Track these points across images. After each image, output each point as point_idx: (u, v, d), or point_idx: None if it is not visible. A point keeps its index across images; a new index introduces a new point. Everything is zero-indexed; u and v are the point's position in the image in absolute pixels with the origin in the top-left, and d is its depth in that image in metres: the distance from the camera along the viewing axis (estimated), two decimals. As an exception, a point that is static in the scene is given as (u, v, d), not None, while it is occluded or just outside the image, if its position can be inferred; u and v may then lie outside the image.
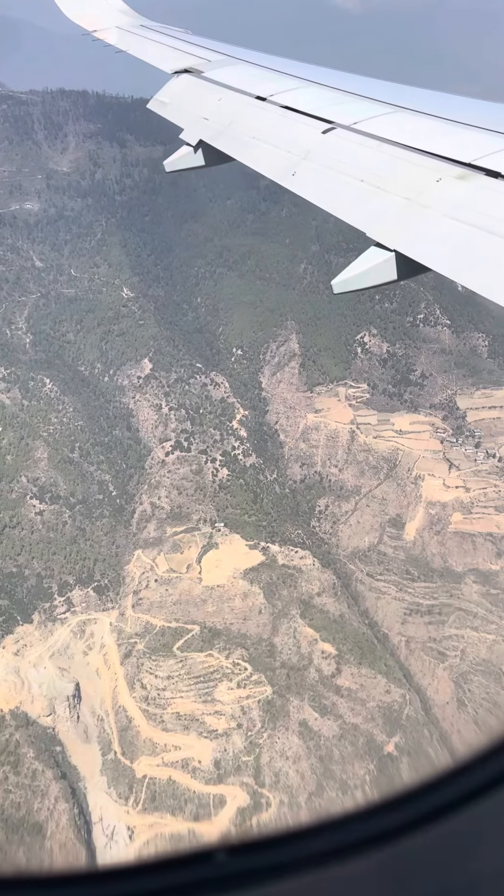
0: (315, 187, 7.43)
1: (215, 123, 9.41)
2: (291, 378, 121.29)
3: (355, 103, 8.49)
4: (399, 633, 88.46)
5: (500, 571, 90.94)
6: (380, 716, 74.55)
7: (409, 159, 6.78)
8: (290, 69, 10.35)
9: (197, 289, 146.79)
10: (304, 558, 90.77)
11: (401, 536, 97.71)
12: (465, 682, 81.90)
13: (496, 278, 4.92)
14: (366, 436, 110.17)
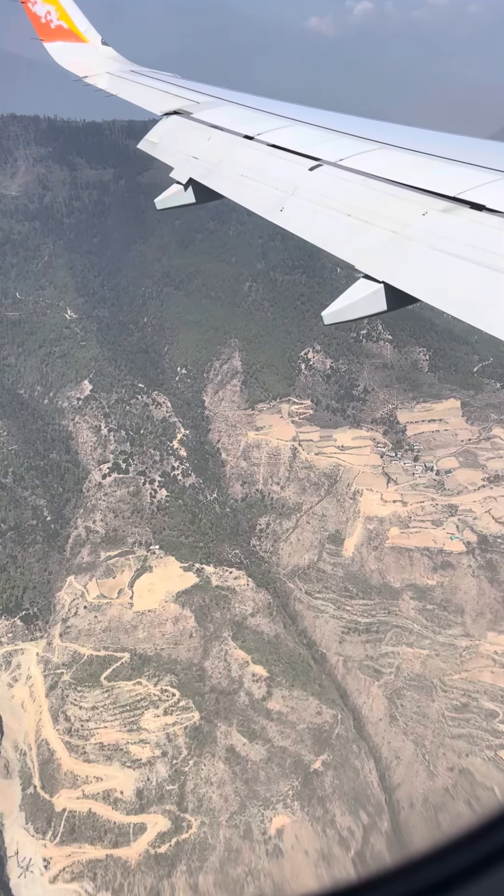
0: (303, 222, 7.50)
1: (205, 162, 9.59)
2: (233, 396, 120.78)
3: (340, 141, 8.68)
4: (337, 652, 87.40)
5: (437, 586, 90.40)
6: (309, 737, 73.18)
7: (395, 194, 6.90)
8: (276, 109, 10.64)
9: (143, 309, 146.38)
10: (239, 579, 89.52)
11: (340, 553, 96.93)
12: (399, 697, 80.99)
13: (483, 307, 5.03)
14: (307, 452, 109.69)
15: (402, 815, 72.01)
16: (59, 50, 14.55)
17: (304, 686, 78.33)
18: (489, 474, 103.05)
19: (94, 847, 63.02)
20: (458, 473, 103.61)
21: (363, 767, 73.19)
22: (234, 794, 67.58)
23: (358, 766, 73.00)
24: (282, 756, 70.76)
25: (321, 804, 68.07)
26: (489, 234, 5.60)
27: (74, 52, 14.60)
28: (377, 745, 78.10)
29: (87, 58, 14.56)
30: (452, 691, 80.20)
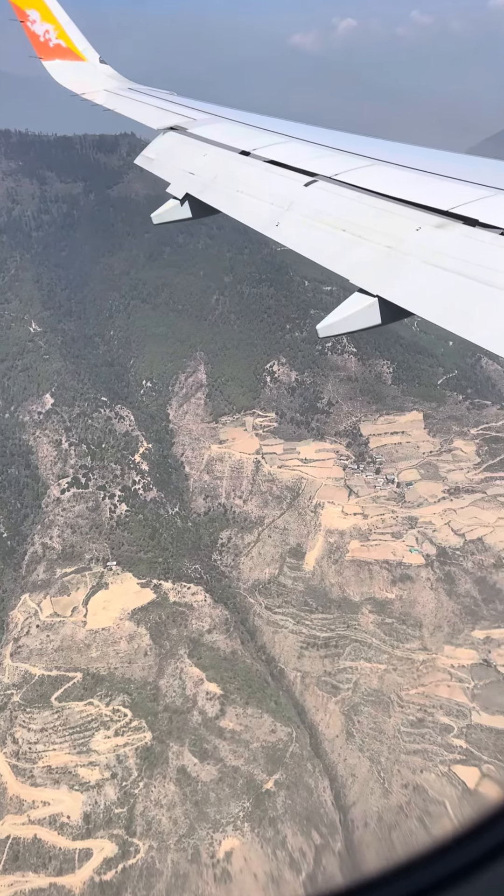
0: (299, 237, 7.49)
1: (201, 177, 9.61)
2: (197, 409, 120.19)
3: (335, 157, 8.71)
4: (295, 667, 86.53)
5: (395, 600, 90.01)
6: (262, 756, 72.08)
7: (389, 209, 6.93)
8: (272, 126, 10.71)
9: (110, 322, 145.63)
10: (197, 594, 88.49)
11: (300, 567, 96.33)
12: (356, 713, 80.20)
13: (477, 322, 5.03)
14: (270, 465, 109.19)
15: (356, 834, 71.05)
16: (58, 68, 14.63)
17: (259, 703, 77.33)
18: (449, 486, 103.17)
19: (38, 875, 61.38)
20: (419, 486, 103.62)
21: (317, 786, 72.19)
22: (184, 816, 66.28)
23: (312, 784, 71.99)
24: (233, 776, 69.61)
25: (272, 825, 66.93)
26: (482, 248, 5.65)
27: (73, 70, 14.68)
28: (333, 762, 77.18)
29: (85, 75, 14.66)
30: (409, 706, 79.59)
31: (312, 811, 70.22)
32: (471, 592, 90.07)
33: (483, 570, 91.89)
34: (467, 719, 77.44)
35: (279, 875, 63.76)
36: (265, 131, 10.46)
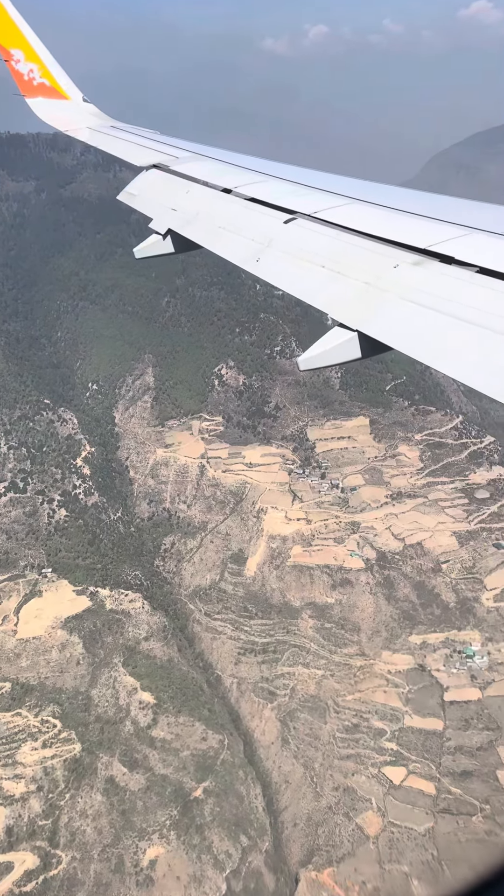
0: (279, 272, 7.64)
1: (184, 213, 9.78)
2: (143, 412, 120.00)
3: (313, 195, 8.95)
4: (232, 674, 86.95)
5: (335, 604, 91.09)
6: (192, 764, 72.31)
7: (367, 246, 7.07)
8: (252, 165, 11.04)
9: (58, 323, 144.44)
10: (134, 602, 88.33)
11: (242, 572, 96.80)
12: (292, 719, 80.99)
13: (454, 356, 5.20)
14: (215, 470, 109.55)
15: (284, 834, 71.75)
16: (42, 105, 14.90)
17: (192, 712, 77.51)
18: (392, 491, 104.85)
19: (-44, 892, 60.56)
20: (362, 491, 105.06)
21: (248, 793, 72.68)
22: (110, 826, 66.11)
23: (243, 791, 72.46)
24: (162, 785, 69.69)
25: (199, 832, 67.21)
26: (459, 285, 5.84)
27: (56, 108, 14.95)
28: (268, 769, 77.79)
29: (68, 113, 14.93)
30: (345, 712, 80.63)
31: (242, 817, 70.71)
32: (409, 597, 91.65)
33: (422, 575, 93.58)
34: (400, 723, 78.83)
35: (202, 874, 64.09)
36: (246, 170, 10.80)
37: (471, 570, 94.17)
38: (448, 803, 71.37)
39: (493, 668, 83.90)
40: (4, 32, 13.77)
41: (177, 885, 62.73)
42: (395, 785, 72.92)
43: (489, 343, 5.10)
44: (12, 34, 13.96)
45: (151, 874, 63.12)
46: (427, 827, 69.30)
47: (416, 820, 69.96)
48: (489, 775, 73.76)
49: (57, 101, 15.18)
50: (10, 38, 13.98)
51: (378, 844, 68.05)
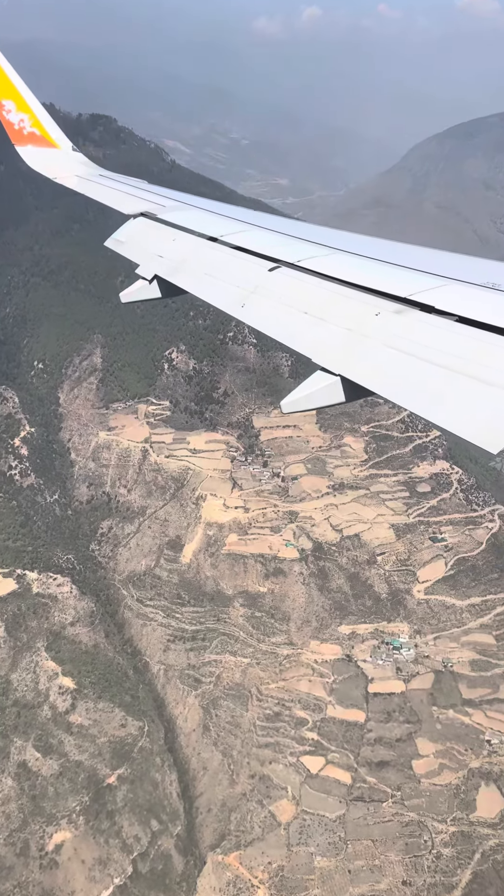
0: (263, 317, 7.90)
1: (170, 260, 10.08)
2: (88, 394, 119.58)
3: (297, 245, 9.29)
4: (160, 661, 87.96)
5: (267, 593, 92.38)
6: (108, 750, 73.24)
7: (349, 294, 7.34)
8: (238, 215, 11.44)
9: (7, 298, 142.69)
10: (62, 586, 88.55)
11: (177, 559, 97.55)
12: (215, 707, 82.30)
13: (434, 402, 5.37)
14: (158, 455, 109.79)
15: (198, 819, 73.25)
16: (31, 153, 15.46)
17: (113, 698, 78.31)
18: (334, 482, 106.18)
19: None
20: (303, 480, 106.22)
21: (163, 780, 73.91)
22: (18, 811, 66.81)
23: (158, 778, 73.67)
24: (75, 771, 70.50)
25: (109, 817, 68.29)
26: (438, 333, 6.09)
27: (46, 157, 15.46)
28: (187, 756, 79.11)
29: (58, 162, 15.45)
30: (267, 700, 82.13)
31: (155, 803, 71.97)
32: (342, 588, 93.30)
33: (357, 567, 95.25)
34: (322, 713, 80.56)
35: (108, 857, 65.24)
36: (232, 220, 11.11)
37: (405, 563, 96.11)
38: (362, 792, 73.42)
39: (419, 660, 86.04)
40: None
41: (81, 868, 63.83)
42: (311, 774, 74.69)
43: (469, 389, 5.34)
44: (4, 86, 14.68)
45: (56, 858, 64.10)
46: (339, 814, 71.23)
47: (328, 807, 71.90)
48: (405, 765, 75.98)
49: (46, 149, 15.82)
50: (1, 90, 14.69)
51: (289, 830, 69.80)
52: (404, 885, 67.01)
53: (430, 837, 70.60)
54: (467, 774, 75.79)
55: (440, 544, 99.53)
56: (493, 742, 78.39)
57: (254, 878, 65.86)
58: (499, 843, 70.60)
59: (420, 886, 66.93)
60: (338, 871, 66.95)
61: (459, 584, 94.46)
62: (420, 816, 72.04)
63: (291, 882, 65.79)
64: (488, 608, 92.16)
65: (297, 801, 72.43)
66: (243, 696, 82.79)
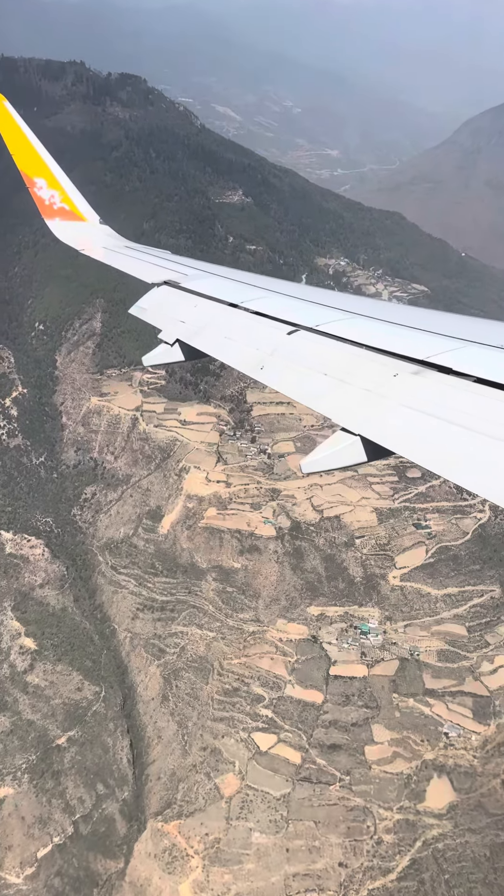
0: (282, 379, 8.16)
1: (192, 325, 10.51)
2: (84, 358, 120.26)
3: (315, 310, 9.63)
4: (127, 628, 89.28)
5: (240, 570, 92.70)
6: (62, 712, 75.01)
7: (367, 357, 7.54)
8: (257, 282, 11.96)
9: (17, 258, 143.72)
10: (35, 548, 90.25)
11: (156, 529, 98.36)
12: (176, 678, 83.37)
13: (454, 462, 5.49)
14: (147, 424, 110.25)
15: (147, 786, 74.83)
16: (60, 226, 16.43)
17: (73, 661, 79.96)
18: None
19: None
20: (291, 458, 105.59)
21: (115, 745, 75.49)
22: (-35, 764, 69.10)
23: (109, 743, 75.27)
24: (26, 730, 72.41)
25: (54, 777, 70.17)
26: (457, 394, 6.22)
27: (74, 229, 16.42)
28: (144, 723, 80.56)
29: (85, 234, 16.38)
30: (228, 675, 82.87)
31: (103, 767, 73.65)
32: (317, 569, 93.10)
33: (333, 548, 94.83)
34: (281, 691, 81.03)
35: (49, 817, 67.19)
36: (251, 286, 11.55)
37: (384, 548, 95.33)
38: (310, 773, 73.96)
39: (386, 647, 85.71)
40: (30, 163, 15.69)
41: (20, 825, 65.88)
42: (261, 751, 75.46)
43: (489, 449, 5.42)
44: (37, 165, 15.77)
45: (-5, 812, 66.31)
46: (284, 793, 71.99)
47: (274, 785, 72.65)
48: (357, 750, 76.20)
49: (75, 223, 16.68)
50: (34, 168, 15.80)
51: (230, 804, 70.85)
52: (340, 866, 67.66)
53: (373, 823, 70.97)
54: (420, 765, 75.65)
55: (423, 532, 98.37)
56: (450, 735, 77.99)
57: (189, 848, 67.19)
58: (442, 833, 70.66)
59: (356, 869, 67.52)
60: (275, 848, 67.83)
61: (438, 572, 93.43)
62: (366, 802, 72.33)
63: (226, 855, 66.94)
64: (465, 599, 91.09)
65: (242, 777, 73.35)
66: (205, 670, 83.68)
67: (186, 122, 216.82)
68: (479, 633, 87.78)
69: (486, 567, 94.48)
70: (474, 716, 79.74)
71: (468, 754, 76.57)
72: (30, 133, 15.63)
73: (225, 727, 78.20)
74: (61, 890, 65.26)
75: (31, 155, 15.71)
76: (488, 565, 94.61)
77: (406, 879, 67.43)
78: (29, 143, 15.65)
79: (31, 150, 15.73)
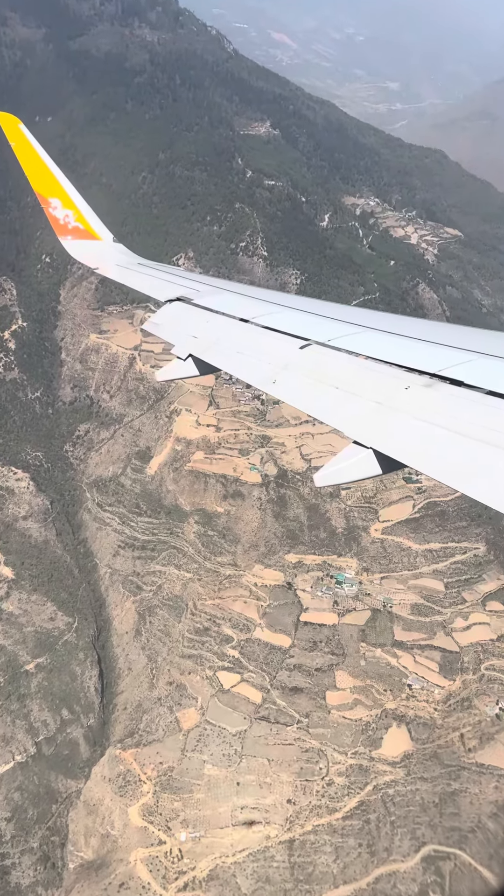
0: (294, 393, 8.43)
1: (204, 340, 10.75)
2: (86, 294, 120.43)
3: (327, 325, 9.86)
4: (108, 564, 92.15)
5: (223, 514, 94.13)
6: (33, 640, 78.63)
7: (379, 370, 7.71)
8: (268, 297, 12.24)
9: (30, 188, 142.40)
10: (21, 481, 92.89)
11: (143, 470, 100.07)
12: (150, 614, 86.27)
13: (466, 474, 5.60)
14: (144, 364, 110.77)
15: (113, 715, 78.64)
16: (74, 245, 16.98)
17: (49, 592, 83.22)
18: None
19: None
20: (285, 406, 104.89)
21: (83, 674, 79.09)
22: None
23: (78, 672, 78.87)
24: (-4, 653, 76.22)
25: (20, 700, 74.18)
26: (469, 406, 6.42)
27: (88, 248, 16.89)
28: (116, 655, 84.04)
29: (99, 252, 16.79)
30: (200, 615, 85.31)
31: (70, 694, 77.45)
32: (299, 517, 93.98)
33: (318, 498, 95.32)
34: (249, 633, 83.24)
35: (11, 736, 71.45)
36: (262, 301, 11.78)
37: (369, 500, 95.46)
38: (269, 712, 76.51)
39: (360, 597, 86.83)
40: (44, 184, 16.26)
41: (-21, 742, 70.24)
42: (224, 689, 78.17)
43: (501, 460, 5.49)
44: (51, 185, 16.33)
45: (-42, 727, 70.71)
46: (240, 729, 74.83)
47: (232, 722, 75.50)
48: (318, 694, 78.33)
49: (89, 241, 17.10)
50: (49, 189, 16.37)
51: (188, 736, 74.07)
52: (288, 802, 70.63)
53: (326, 766, 73.49)
54: (381, 714, 77.53)
55: (413, 486, 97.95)
56: (413, 686, 79.47)
57: (143, 774, 70.87)
58: (394, 780, 72.89)
59: (303, 806, 70.40)
60: (226, 781, 71.03)
61: (422, 527, 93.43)
62: (322, 745, 74.76)
63: (178, 783, 70.44)
64: (446, 555, 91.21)
65: (203, 712, 76.34)
66: (179, 608, 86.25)
67: (217, 46, 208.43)
68: (457, 590, 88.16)
69: (474, 525, 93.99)
70: (440, 670, 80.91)
71: (429, 707, 78.08)
72: (44, 154, 16.07)
73: (192, 664, 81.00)
74: (20, 804, 69.93)
75: (45, 175, 16.15)
76: (476, 523, 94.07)
77: (351, 819, 70.13)
78: (43, 163, 16.07)
79: (45, 171, 16.16)
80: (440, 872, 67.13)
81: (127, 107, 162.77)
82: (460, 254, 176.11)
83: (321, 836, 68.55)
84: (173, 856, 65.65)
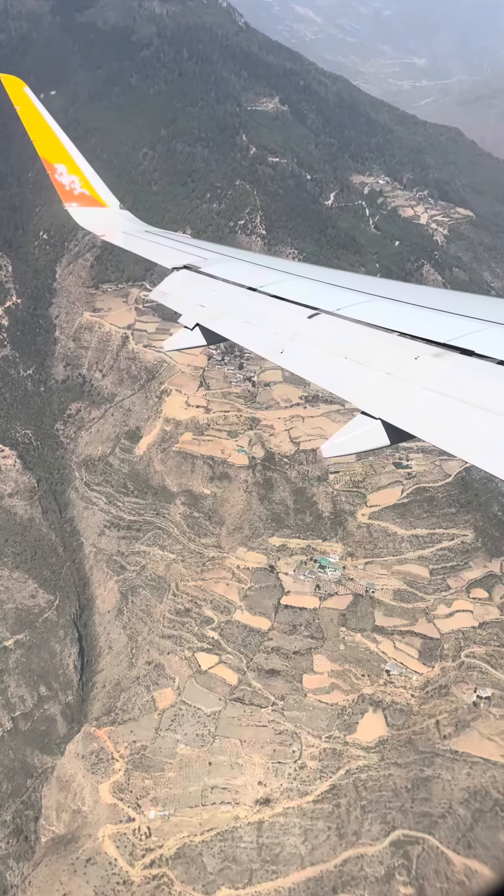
0: (302, 363, 8.39)
1: (211, 310, 10.66)
2: (82, 271, 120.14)
3: (336, 293, 9.70)
4: (93, 543, 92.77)
5: (209, 496, 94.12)
6: (13, 617, 79.57)
7: (389, 340, 7.67)
8: (276, 265, 12.14)
9: (31, 163, 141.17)
10: (7, 458, 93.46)
11: (132, 450, 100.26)
12: (133, 594, 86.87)
13: (474, 443, 5.63)
14: (136, 343, 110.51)
15: (92, 693, 79.58)
16: (80, 211, 16.87)
17: (31, 570, 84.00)
18: (309, 394, 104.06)
19: None
20: (277, 388, 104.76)
21: (63, 651, 80.00)
22: None
23: (57, 649, 79.77)
24: (-25, 628, 77.23)
25: (-3, 676, 75.25)
26: (480, 376, 6.34)
27: (94, 215, 16.85)
28: (97, 634, 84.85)
29: (105, 219, 16.76)
30: (182, 596, 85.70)
31: (48, 671, 78.42)
32: (285, 501, 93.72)
33: (305, 482, 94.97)
34: (229, 615, 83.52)
35: (-13, 713, 72.71)
36: (271, 270, 11.59)
37: (357, 485, 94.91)
38: (244, 694, 76.91)
39: (343, 582, 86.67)
40: (50, 149, 16.06)
41: (-43, 717, 71.44)
42: (201, 670, 78.66)
43: None
44: (57, 150, 16.12)
45: None
46: (215, 710, 75.35)
47: (207, 703, 76.01)
48: (295, 677, 78.53)
49: (95, 208, 16.95)
50: (54, 154, 16.17)
51: (163, 716, 74.76)
52: (259, 784, 71.18)
53: (299, 749, 73.87)
54: (357, 699, 77.58)
55: (403, 471, 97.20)
56: (391, 672, 79.37)
57: (116, 752, 71.72)
58: (367, 765, 73.10)
59: (274, 788, 70.92)
60: (198, 760, 71.67)
61: (410, 513, 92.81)
62: (296, 728, 75.08)
63: (150, 762, 71.21)
64: (433, 542, 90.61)
65: (179, 692, 76.93)
66: (161, 589, 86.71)
67: (228, 19, 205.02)
68: (442, 577, 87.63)
69: (463, 511, 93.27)
70: (420, 656, 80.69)
71: (406, 693, 78.01)
72: (50, 118, 15.78)
73: (171, 644, 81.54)
74: (-6, 776, 71.32)
75: (51, 140, 15.90)
76: (465, 509, 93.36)
77: (322, 802, 70.54)
78: (49, 128, 15.82)
79: (51, 136, 15.93)
80: (408, 856, 67.43)
81: (132, 81, 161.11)
82: (471, 234, 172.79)
83: (291, 819, 69.04)
84: (141, 833, 66.53)
